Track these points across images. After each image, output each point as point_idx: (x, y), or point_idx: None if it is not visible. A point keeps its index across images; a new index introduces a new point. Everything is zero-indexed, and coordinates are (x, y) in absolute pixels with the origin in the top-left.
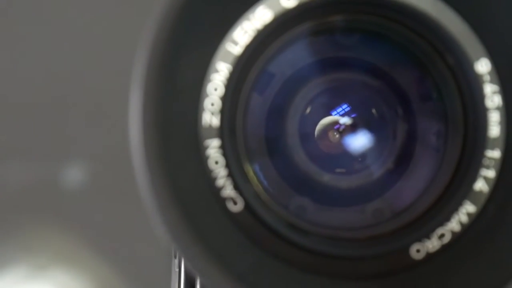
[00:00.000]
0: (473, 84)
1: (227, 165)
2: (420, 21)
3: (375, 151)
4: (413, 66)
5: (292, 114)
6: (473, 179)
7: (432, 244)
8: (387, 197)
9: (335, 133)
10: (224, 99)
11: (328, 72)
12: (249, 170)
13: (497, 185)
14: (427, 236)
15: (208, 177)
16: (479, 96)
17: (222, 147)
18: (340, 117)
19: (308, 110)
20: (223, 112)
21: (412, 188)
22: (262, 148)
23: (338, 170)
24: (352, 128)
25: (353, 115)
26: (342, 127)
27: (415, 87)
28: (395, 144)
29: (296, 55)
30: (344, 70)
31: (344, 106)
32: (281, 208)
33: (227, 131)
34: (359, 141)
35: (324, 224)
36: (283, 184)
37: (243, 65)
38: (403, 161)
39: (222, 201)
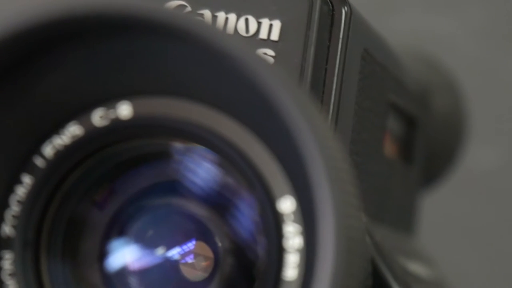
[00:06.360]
0: (274, 222)
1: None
2: (226, 153)
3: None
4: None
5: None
6: None
7: None
8: None
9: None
10: (24, 211)
11: (162, 197)
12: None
13: None
14: None
15: None
16: (278, 236)
17: (15, 260)
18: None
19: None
20: (20, 224)
21: None
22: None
23: None
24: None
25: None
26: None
27: (239, 223)
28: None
29: (135, 175)
30: (178, 195)
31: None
32: None
33: (22, 243)
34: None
35: None
36: None
37: (48, 179)
38: None
39: None
